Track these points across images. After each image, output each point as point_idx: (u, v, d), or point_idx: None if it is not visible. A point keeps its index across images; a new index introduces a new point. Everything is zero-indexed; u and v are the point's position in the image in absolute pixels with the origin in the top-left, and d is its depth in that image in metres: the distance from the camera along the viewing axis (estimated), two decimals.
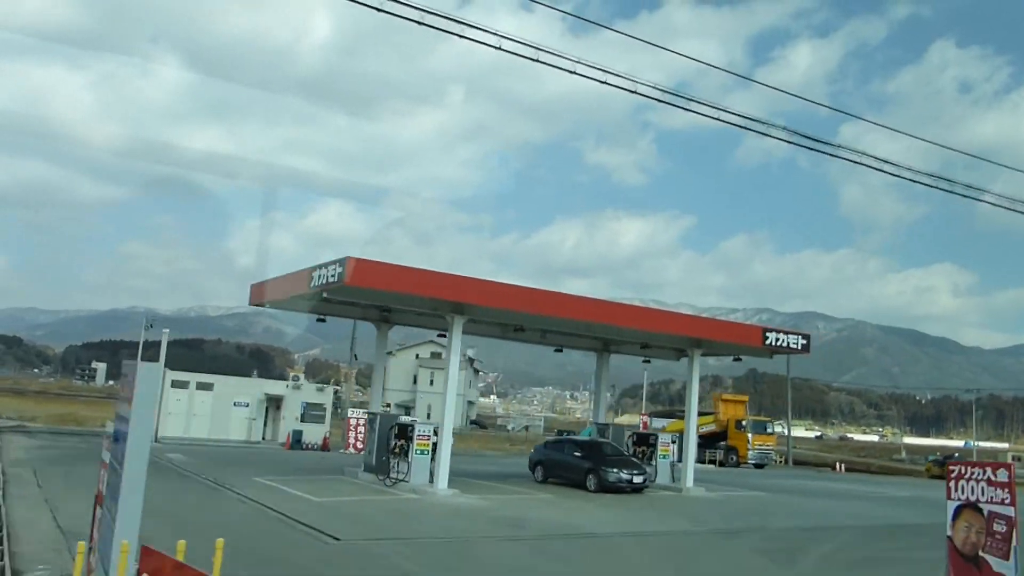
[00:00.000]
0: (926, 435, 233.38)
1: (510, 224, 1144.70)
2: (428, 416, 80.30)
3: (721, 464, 49.91)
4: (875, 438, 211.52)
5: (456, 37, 10.01)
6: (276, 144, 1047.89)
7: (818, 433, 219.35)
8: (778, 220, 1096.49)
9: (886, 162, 14.83)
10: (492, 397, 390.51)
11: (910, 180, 14.93)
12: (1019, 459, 73.94)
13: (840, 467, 61.09)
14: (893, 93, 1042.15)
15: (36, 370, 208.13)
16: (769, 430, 52.22)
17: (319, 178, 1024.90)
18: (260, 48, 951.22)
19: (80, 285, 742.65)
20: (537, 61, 10.71)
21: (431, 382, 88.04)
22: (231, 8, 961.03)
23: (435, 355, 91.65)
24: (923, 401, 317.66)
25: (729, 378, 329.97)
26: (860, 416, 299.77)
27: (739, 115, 11.94)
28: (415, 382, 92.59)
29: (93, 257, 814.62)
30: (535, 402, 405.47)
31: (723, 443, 51.55)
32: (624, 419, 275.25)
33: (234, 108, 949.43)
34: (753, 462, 49.79)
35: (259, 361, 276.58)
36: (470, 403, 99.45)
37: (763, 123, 12.80)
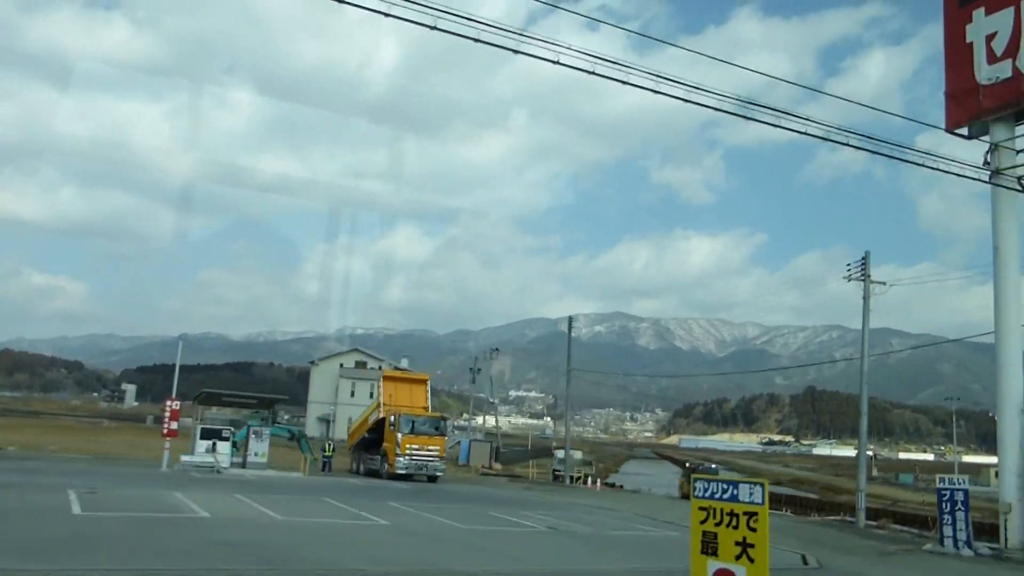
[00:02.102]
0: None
1: (578, 245, 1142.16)
2: (348, 431, 77.41)
3: (375, 474, 37.81)
4: (930, 456, 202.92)
5: (515, 54, 10.33)
6: (347, 170, 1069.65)
7: (869, 453, 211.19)
8: (853, 236, 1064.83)
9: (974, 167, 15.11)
10: (546, 419, 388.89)
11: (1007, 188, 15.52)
12: None
13: (594, 482, 50.01)
14: None
15: (95, 393, 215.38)
16: (440, 429, 37.86)
17: (388, 202, 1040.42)
18: (330, 76, 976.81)
19: (157, 312, 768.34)
20: (593, 73, 11.25)
21: (352, 393, 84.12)
22: (303, 38, 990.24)
23: (360, 364, 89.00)
24: (996, 418, 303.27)
25: (787, 395, 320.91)
26: (926, 434, 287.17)
27: (805, 120, 11.35)
28: (337, 394, 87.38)
29: (171, 285, 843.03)
30: (591, 424, 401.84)
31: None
32: (673, 439, 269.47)
33: (306, 136, 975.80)
34: (404, 472, 35.70)
35: (306, 384, 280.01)
36: None
37: (836, 129, 12.24)
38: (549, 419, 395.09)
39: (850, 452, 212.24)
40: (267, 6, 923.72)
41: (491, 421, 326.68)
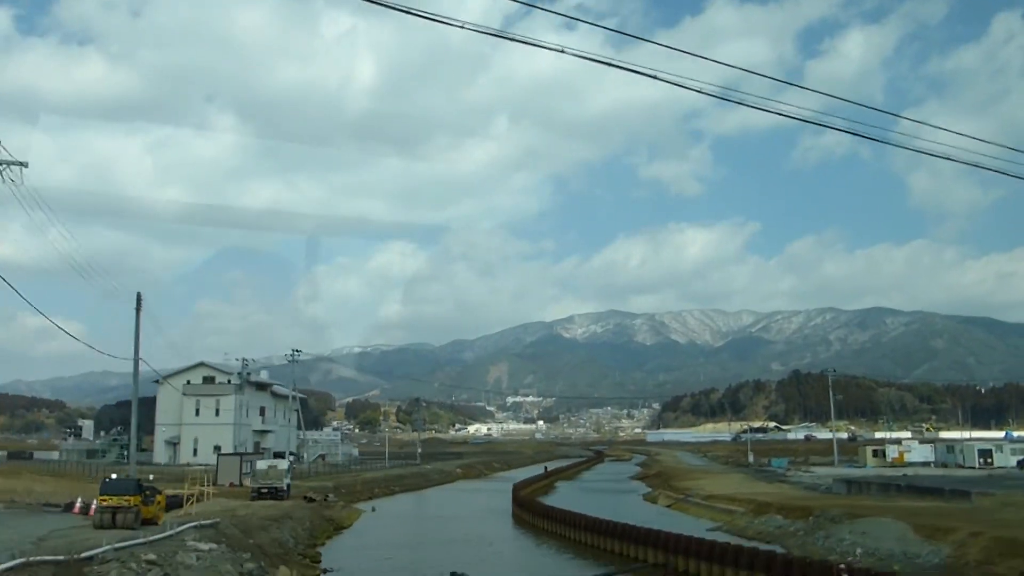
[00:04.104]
0: (987, 427, 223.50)
1: (572, 247, 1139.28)
2: (195, 452, 73.10)
3: None
4: (908, 434, 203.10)
5: (507, 41, 11.05)
6: (335, 191, 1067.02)
7: (848, 435, 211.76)
8: (845, 217, 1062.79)
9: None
10: (539, 423, 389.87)
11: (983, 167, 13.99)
12: None
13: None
14: (954, 72, 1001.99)
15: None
16: None
17: (379, 220, 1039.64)
18: (310, 98, 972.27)
19: (155, 347, 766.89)
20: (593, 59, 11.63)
21: (197, 411, 79.83)
22: (280, 62, 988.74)
23: (208, 380, 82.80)
24: (983, 391, 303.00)
25: (772, 381, 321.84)
26: (913, 411, 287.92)
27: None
28: (181, 413, 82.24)
29: (167, 318, 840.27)
30: (586, 424, 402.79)
31: None
32: (669, 431, 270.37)
33: (290, 160, 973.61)
34: None
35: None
36: (264, 432, 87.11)
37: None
38: (542, 423, 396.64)
39: (828, 435, 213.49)
40: (242, 32, 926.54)
41: (483, 430, 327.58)
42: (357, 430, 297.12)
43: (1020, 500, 30.08)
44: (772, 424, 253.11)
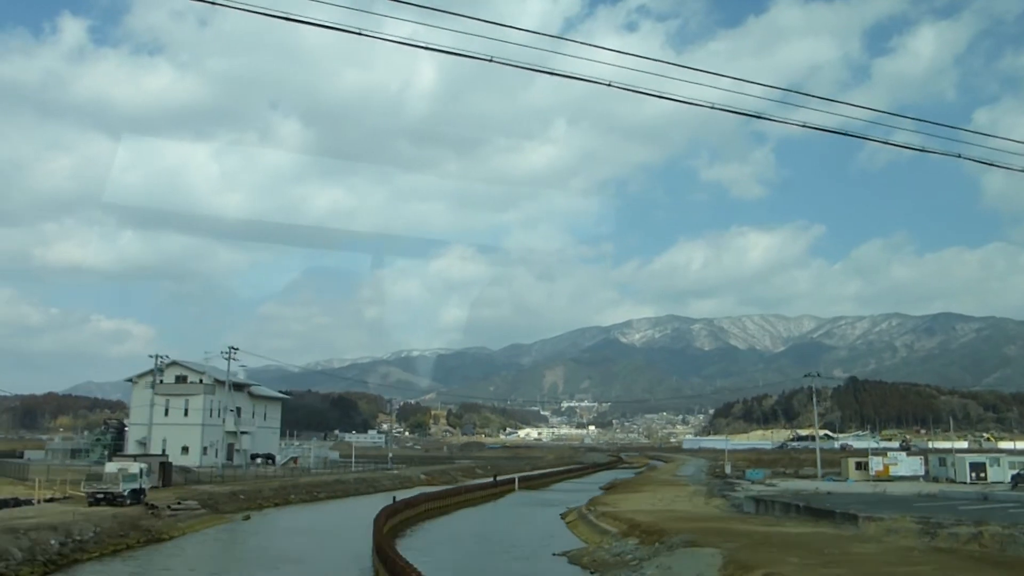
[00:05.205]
0: None
1: (632, 250, 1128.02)
2: (164, 451, 70.13)
3: None
4: (964, 444, 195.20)
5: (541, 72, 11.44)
6: (394, 196, 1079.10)
7: (902, 444, 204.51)
8: (915, 220, 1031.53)
9: None
10: (590, 428, 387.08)
11: None
12: None
13: None
14: None
15: None
16: None
17: (438, 224, 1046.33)
18: (371, 102, 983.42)
19: (220, 349, 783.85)
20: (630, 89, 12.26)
21: (166, 411, 77.97)
22: (343, 68, 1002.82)
23: (180, 379, 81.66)
24: None
25: (828, 388, 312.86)
26: (977, 420, 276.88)
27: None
28: (151, 413, 78.58)
29: (233, 321, 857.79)
30: (639, 429, 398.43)
31: None
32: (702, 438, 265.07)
33: (352, 163, 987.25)
34: None
35: (341, 410, 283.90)
36: (241, 433, 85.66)
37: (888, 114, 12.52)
38: (592, 428, 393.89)
39: (874, 443, 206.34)
40: (305, 39, 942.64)
41: (534, 435, 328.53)
42: (407, 433, 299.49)
43: (908, 527, 27.67)
44: (824, 432, 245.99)
